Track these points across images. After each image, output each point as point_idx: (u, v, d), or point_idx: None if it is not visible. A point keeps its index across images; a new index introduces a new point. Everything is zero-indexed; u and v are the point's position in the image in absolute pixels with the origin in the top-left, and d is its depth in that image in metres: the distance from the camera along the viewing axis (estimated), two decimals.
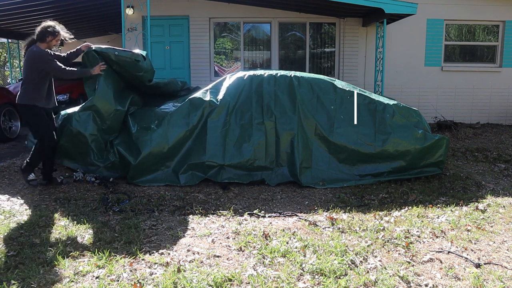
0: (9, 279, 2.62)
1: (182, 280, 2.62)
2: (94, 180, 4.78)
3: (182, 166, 4.82)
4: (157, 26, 9.17)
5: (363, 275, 2.71)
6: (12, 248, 3.06)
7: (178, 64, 9.56)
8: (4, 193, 4.41)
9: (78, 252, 3.03)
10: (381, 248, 3.14)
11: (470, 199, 4.29)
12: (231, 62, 9.86)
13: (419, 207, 4.06)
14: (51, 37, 4.32)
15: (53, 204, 4.09)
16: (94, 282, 2.62)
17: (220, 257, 2.99)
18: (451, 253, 3.08)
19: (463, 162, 5.89)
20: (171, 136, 4.81)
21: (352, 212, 3.93)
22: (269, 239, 3.27)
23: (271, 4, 8.73)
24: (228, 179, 4.76)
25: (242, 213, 3.88)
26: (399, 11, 7.56)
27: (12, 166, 5.58)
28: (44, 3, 8.63)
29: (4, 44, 16.83)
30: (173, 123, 4.86)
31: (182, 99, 5.24)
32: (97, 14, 10.30)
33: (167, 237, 3.32)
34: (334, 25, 9.62)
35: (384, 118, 4.95)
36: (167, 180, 4.78)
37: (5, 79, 19.53)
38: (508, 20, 9.49)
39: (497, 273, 2.77)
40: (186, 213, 3.88)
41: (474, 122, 9.45)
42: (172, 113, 4.93)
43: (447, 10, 9.33)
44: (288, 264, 2.85)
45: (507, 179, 5.10)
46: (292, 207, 4.10)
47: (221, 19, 9.51)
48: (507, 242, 3.30)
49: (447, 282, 2.67)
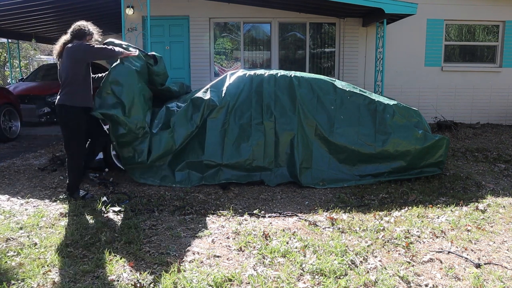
0: (9, 279, 2.62)
1: (182, 280, 2.62)
2: (94, 180, 4.79)
3: (180, 163, 4.83)
4: (157, 26, 9.17)
5: (363, 275, 2.71)
6: (12, 248, 3.06)
7: (178, 64, 9.56)
8: (4, 193, 4.42)
9: (78, 252, 3.03)
10: (381, 248, 3.14)
11: (470, 199, 4.29)
12: (231, 62, 9.86)
13: (419, 207, 4.06)
14: (89, 37, 4.23)
15: (53, 204, 4.10)
16: (94, 282, 2.62)
17: (220, 257, 2.99)
18: (451, 253, 3.08)
19: (463, 162, 5.89)
20: (178, 138, 4.80)
21: (352, 212, 3.93)
22: (269, 239, 3.27)
23: (271, 4, 8.73)
24: (226, 180, 4.76)
25: (242, 213, 3.88)
26: (399, 11, 7.56)
27: (12, 166, 5.59)
28: (44, 3, 8.63)
29: (4, 44, 16.82)
30: (178, 125, 4.84)
31: (184, 99, 5.22)
32: (97, 14, 10.30)
33: (167, 237, 3.32)
34: (334, 25, 9.62)
35: (384, 118, 4.95)
36: (161, 176, 4.79)
37: (5, 79, 19.52)
38: (508, 20, 9.49)
39: (497, 273, 2.77)
40: (186, 213, 3.88)
41: (474, 122, 9.45)
42: (177, 114, 4.91)
43: (447, 10, 9.33)
44: (288, 264, 2.85)
45: (507, 179, 5.10)
46: (292, 207, 4.10)
47: (221, 19, 9.51)
48: (507, 242, 3.30)
49: (447, 282, 2.67)
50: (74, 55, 4.07)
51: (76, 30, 4.18)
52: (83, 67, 4.13)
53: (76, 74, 4.10)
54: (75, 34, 4.17)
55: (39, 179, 4.95)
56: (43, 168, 5.39)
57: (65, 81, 4.12)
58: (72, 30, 4.19)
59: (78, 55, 4.07)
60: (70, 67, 4.08)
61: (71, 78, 4.09)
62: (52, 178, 5.01)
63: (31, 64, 22.52)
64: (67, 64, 4.09)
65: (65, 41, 4.18)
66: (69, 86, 4.11)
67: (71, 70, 4.08)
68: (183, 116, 4.88)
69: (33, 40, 12.38)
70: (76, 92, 4.12)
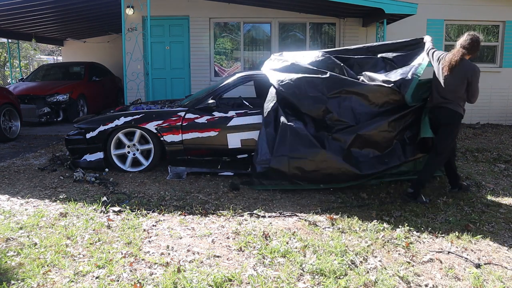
0: (9, 279, 2.62)
1: (182, 280, 2.62)
2: (94, 180, 4.79)
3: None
4: (157, 26, 9.18)
5: (363, 275, 2.71)
6: (12, 248, 3.06)
7: (178, 64, 9.56)
8: (4, 193, 4.42)
9: (78, 252, 3.03)
10: (381, 248, 3.14)
11: (470, 199, 4.29)
12: (231, 62, 9.87)
13: (419, 207, 4.06)
14: (477, 53, 4.11)
15: (53, 204, 4.10)
16: (94, 282, 2.62)
17: (220, 257, 2.99)
18: (451, 253, 3.08)
19: (463, 162, 5.88)
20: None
21: (352, 212, 3.93)
22: (269, 239, 3.27)
23: (271, 4, 8.74)
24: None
25: (242, 213, 3.88)
26: (399, 11, 7.56)
27: (12, 166, 5.59)
28: (44, 3, 8.64)
29: (4, 44, 16.83)
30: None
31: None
32: (97, 14, 10.32)
33: (167, 237, 3.33)
34: (334, 25, 9.62)
35: None
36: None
37: (5, 79, 19.53)
38: (508, 20, 9.49)
39: (497, 273, 2.77)
40: (186, 213, 3.89)
41: (474, 122, 9.45)
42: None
43: (447, 10, 9.33)
44: (288, 264, 2.85)
45: (507, 179, 5.10)
46: (292, 207, 4.10)
47: (221, 19, 9.51)
48: (507, 242, 3.30)
49: (447, 282, 2.67)
50: (466, 73, 3.97)
51: (472, 41, 3.97)
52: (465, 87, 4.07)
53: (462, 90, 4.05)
54: (470, 44, 3.98)
55: (39, 179, 4.95)
56: (43, 168, 5.39)
57: (452, 90, 4.06)
58: (469, 40, 3.98)
59: (470, 77, 3.98)
60: (460, 81, 4.01)
61: (456, 89, 4.04)
62: (52, 178, 5.01)
63: (31, 64, 22.54)
64: (458, 76, 4.01)
65: (459, 50, 4.01)
66: (456, 94, 4.04)
67: (460, 84, 4.01)
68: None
69: (33, 40, 12.38)
70: (459, 102, 4.08)
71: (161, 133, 5.06)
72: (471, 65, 3.99)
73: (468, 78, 3.95)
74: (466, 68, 3.96)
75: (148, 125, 5.06)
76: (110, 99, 11.43)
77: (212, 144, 5.09)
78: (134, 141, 5.16)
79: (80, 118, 5.75)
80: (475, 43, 3.96)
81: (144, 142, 5.20)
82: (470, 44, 3.95)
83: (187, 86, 9.57)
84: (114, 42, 13.62)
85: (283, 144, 4.52)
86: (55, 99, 9.28)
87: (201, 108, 5.13)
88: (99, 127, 5.15)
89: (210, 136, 5.04)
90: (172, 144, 5.08)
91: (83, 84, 10.32)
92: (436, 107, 4.16)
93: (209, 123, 5.04)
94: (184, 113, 5.10)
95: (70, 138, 5.34)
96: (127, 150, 5.21)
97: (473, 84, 3.96)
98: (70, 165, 5.33)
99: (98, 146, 5.19)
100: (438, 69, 4.14)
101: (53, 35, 13.30)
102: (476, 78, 3.97)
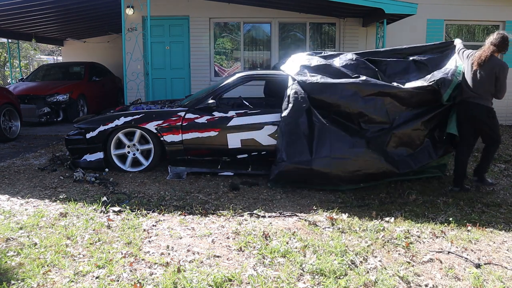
0: (9, 279, 2.62)
1: (182, 280, 2.62)
2: (94, 180, 4.79)
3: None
4: (157, 26, 9.17)
5: (363, 275, 2.71)
6: (12, 248, 3.06)
7: (178, 64, 9.56)
8: (4, 193, 4.42)
9: (78, 252, 3.03)
10: (381, 248, 3.14)
11: (470, 199, 4.29)
12: (231, 62, 9.87)
13: (419, 207, 4.06)
14: (506, 50, 4.24)
15: (53, 204, 4.10)
16: (94, 282, 2.62)
17: (220, 257, 3.00)
18: (451, 253, 3.08)
19: None
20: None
21: (352, 212, 3.93)
22: (269, 239, 3.27)
23: (271, 4, 8.74)
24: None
25: (242, 213, 3.88)
26: (399, 11, 7.56)
27: (12, 166, 5.59)
28: (44, 3, 8.65)
29: (4, 44, 16.82)
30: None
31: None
32: (97, 14, 10.32)
33: (167, 237, 3.33)
34: (334, 25, 9.62)
35: None
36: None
37: (5, 79, 19.52)
38: (508, 20, 9.48)
39: (497, 273, 2.77)
40: (186, 213, 3.89)
41: None
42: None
43: (447, 10, 9.33)
44: (288, 264, 2.85)
45: (507, 179, 5.10)
46: (292, 207, 4.10)
47: (221, 19, 9.51)
48: (507, 242, 3.30)
49: (447, 282, 2.67)
50: (495, 70, 4.16)
51: (502, 39, 4.16)
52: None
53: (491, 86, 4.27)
54: (500, 42, 4.17)
55: (39, 179, 4.96)
56: (43, 168, 5.39)
57: (481, 85, 4.28)
58: (498, 38, 4.17)
59: (498, 74, 4.18)
60: (489, 77, 4.22)
61: (485, 85, 4.25)
62: (52, 178, 5.01)
63: (31, 64, 22.54)
64: (487, 73, 4.21)
65: (489, 47, 4.20)
66: (486, 89, 4.27)
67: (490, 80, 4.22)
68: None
69: (33, 40, 12.38)
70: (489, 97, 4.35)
71: (161, 133, 5.06)
72: (499, 61, 4.18)
73: (496, 73, 4.14)
74: (494, 63, 4.15)
75: (148, 125, 5.06)
76: (110, 99, 11.43)
77: (212, 144, 5.09)
78: (134, 141, 5.16)
79: (80, 118, 5.75)
80: (505, 41, 4.17)
81: (144, 142, 5.20)
82: (500, 42, 4.16)
83: (187, 86, 9.57)
84: (114, 42, 13.62)
85: (323, 145, 4.55)
86: (55, 99, 9.28)
87: (201, 108, 5.13)
88: (99, 127, 5.15)
89: (210, 136, 5.04)
90: (172, 144, 5.09)
91: (83, 84, 10.32)
92: (464, 101, 4.39)
93: (209, 123, 5.05)
94: (184, 113, 5.10)
95: (70, 138, 5.34)
96: (127, 150, 5.21)
97: (501, 79, 4.16)
98: (70, 165, 5.33)
99: (98, 146, 5.19)
100: (468, 64, 4.37)
101: (53, 35, 13.30)
102: (504, 74, 4.16)
